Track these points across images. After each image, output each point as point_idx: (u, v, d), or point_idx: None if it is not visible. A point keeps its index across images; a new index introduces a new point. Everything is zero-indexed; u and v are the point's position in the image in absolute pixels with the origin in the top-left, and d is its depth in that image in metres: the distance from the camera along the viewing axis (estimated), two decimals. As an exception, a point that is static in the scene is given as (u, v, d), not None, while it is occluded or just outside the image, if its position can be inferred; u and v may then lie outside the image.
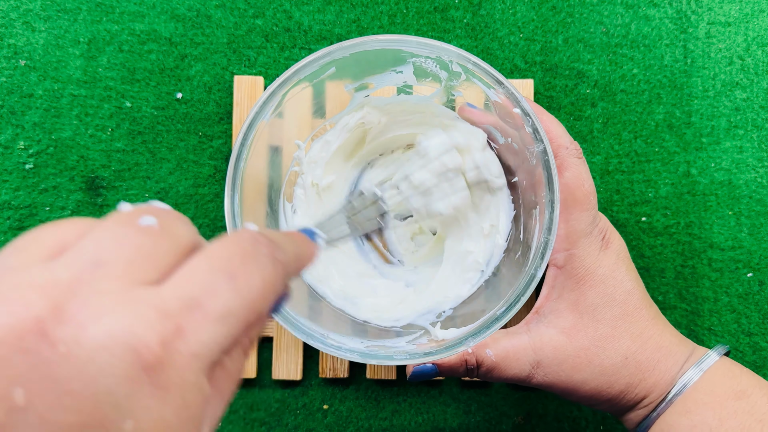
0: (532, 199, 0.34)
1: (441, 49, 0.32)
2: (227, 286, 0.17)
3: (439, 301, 0.37)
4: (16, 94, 0.41)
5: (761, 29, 0.43)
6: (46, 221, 0.41)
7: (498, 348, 0.34)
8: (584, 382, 0.33)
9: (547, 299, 0.35)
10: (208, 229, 0.42)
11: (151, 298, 0.15)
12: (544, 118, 0.34)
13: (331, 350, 0.31)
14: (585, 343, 0.33)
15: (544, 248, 0.31)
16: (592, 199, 0.34)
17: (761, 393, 0.32)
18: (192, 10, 0.42)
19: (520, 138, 0.33)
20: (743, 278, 0.42)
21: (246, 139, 0.32)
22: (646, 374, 0.33)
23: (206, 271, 0.17)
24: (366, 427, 0.42)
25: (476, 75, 0.33)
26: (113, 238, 0.16)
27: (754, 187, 0.43)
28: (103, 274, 0.15)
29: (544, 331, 0.34)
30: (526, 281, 0.31)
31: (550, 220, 0.31)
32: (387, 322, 0.37)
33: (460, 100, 0.37)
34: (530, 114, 0.32)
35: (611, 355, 0.33)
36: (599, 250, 0.34)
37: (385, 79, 0.36)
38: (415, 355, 0.31)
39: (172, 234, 0.17)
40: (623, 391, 0.33)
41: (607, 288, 0.33)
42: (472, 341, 0.31)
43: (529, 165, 0.33)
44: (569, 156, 0.33)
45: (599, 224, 0.34)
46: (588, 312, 0.33)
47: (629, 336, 0.33)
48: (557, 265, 0.34)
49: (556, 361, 0.33)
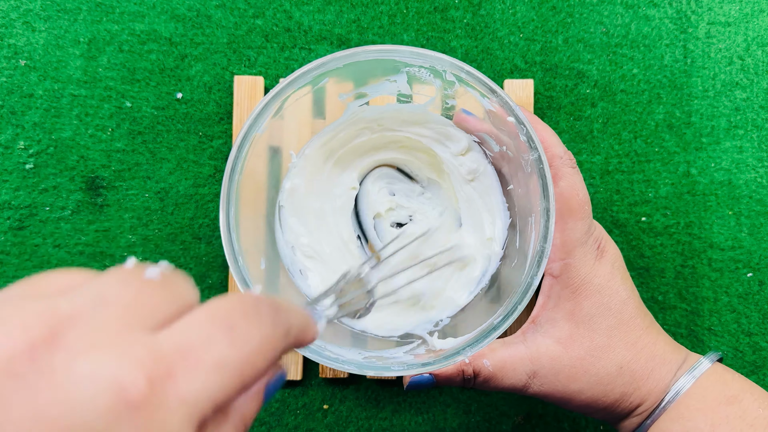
0: (527, 208, 0.34)
1: (434, 58, 0.32)
2: (224, 336, 0.16)
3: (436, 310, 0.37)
4: (16, 94, 0.41)
5: (761, 29, 0.43)
6: (46, 221, 0.41)
7: (495, 358, 0.34)
8: (580, 391, 0.33)
9: (543, 308, 0.35)
10: (208, 229, 0.42)
11: (146, 340, 0.15)
12: (539, 128, 0.34)
13: (328, 362, 0.31)
14: (581, 353, 0.33)
15: (540, 256, 0.31)
16: (587, 208, 0.34)
17: (752, 398, 0.32)
18: (192, 10, 0.42)
19: (515, 146, 0.33)
20: (743, 278, 0.42)
21: (240, 151, 0.32)
22: (640, 383, 0.33)
23: (204, 321, 0.17)
24: (366, 427, 0.42)
25: (470, 84, 0.32)
26: (118, 284, 0.17)
27: (754, 187, 0.43)
28: (104, 313, 0.16)
29: (540, 341, 0.34)
30: (523, 290, 0.31)
31: (546, 228, 0.31)
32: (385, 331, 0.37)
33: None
34: (524, 122, 0.31)
35: (606, 364, 0.33)
36: (595, 260, 0.34)
37: (380, 88, 0.36)
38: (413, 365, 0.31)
39: (175, 289, 0.18)
40: (618, 399, 0.33)
41: (602, 298, 0.34)
42: (470, 351, 0.31)
43: (524, 173, 0.33)
44: (563, 166, 0.34)
45: (594, 233, 0.34)
46: (584, 322, 0.34)
47: (624, 345, 0.33)
48: (553, 274, 0.34)
49: (552, 372, 0.33)
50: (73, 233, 0.41)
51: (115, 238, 0.42)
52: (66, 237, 0.41)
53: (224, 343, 0.16)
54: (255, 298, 0.18)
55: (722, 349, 0.42)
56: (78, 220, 0.41)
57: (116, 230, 0.42)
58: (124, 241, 0.42)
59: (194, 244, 0.42)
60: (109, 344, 0.15)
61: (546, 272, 0.35)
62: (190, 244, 0.42)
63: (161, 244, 0.42)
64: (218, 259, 0.42)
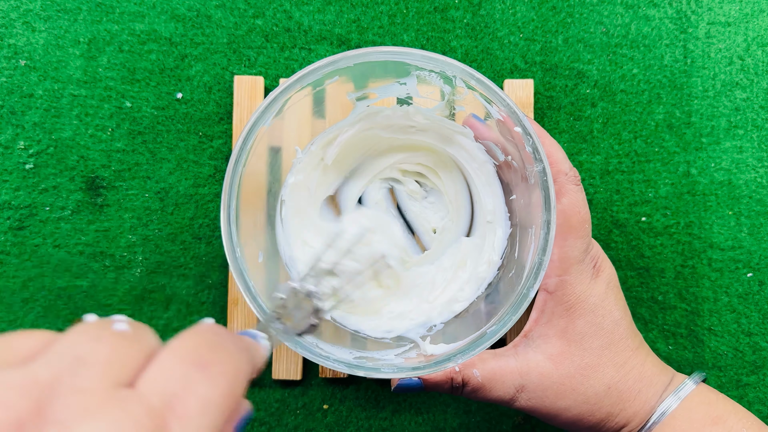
0: (528, 219, 0.34)
1: (445, 63, 0.32)
2: (202, 376, 0.17)
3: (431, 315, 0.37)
4: (16, 94, 0.41)
5: (761, 29, 0.43)
6: (46, 221, 0.41)
7: (485, 369, 0.34)
8: (567, 408, 0.34)
9: (536, 323, 0.35)
10: (208, 229, 0.42)
11: (133, 398, 0.15)
12: (546, 142, 0.34)
13: (319, 359, 0.31)
14: (570, 371, 0.33)
15: (537, 268, 0.31)
16: (587, 226, 0.34)
17: (736, 418, 0.33)
18: (192, 10, 0.42)
19: (520, 157, 0.33)
20: (743, 278, 0.42)
21: (246, 143, 0.32)
22: (626, 404, 0.33)
23: (179, 365, 0.17)
24: (366, 427, 0.42)
25: (478, 91, 0.32)
26: (90, 341, 0.16)
27: (754, 187, 0.43)
28: (84, 374, 0.15)
29: (531, 356, 0.34)
30: (518, 300, 0.31)
31: (545, 241, 0.31)
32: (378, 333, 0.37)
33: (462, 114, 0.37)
34: (531, 133, 0.31)
35: (594, 384, 0.33)
36: (591, 278, 0.34)
37: (389, 90, 0.36)
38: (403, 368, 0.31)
39: (141, 338, 0.18)
40: (604, 419, 0.34)
41: (596, 317, 0.34)
42: (461, 358, 0.31)
43: (527, 184, 0.33)
44: (568, 182, 0.34)
45: (591, 252, 0.34)
46: (576, 340, 0.34)
47: (613, 366, 0.34)
48: (548, 290, 0.34)
49: (540, 387, 0.34)
50: (73, 233, 0.41)
51: (115, 238, 0.42)
52: (66, 237, 0.41)
53: (204, 383, 0.16)
54: (215, 330, 0.18)
55: (722, 349, 0.42)
56: (78, 220, 0.41)
57: (116, 230, 0.42)
58: (124, 241, 0.42)
59: (194, 244, 0.42)
60: (100, 409, 0.15)
61: (541, 288, 0.35)
62: (190, 244, 0.42)
63: (161, 244, 0.42)
64: (218, 259, 0.42)
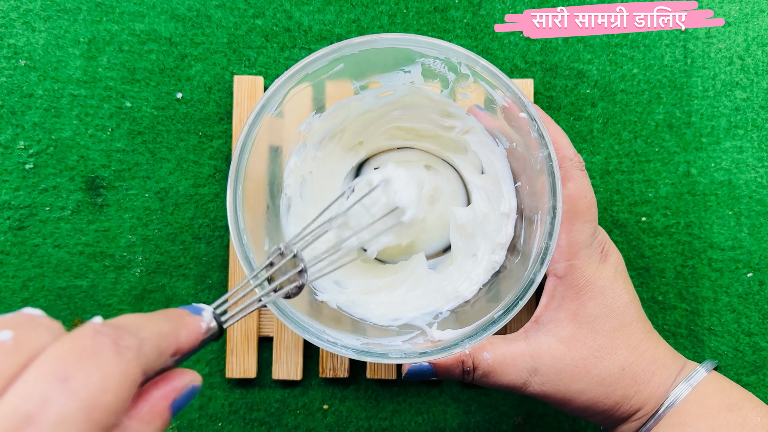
0: (533, 205, 0.34)
1: (450, 50, 0.32)
2: (60, 390, 0.16)
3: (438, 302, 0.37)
4: (16, 94, 0.41)
5: (761, 29, 0.43)
6: (46, 221, 0.41)
7: (495, 353, 0.34)
8: (581, 392, 0.33)
9: (546, 309, 0.35)
10: (208, 229, 0.42)
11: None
12: (551, 128, 0.34)
13: (326, 345, 0.31)
14: (584, 353, 0.33)
15: (544, 254, 0.31)
16: (593, 211, 0.34)
17: (751, 406, 0.33)
18: (192, 10, 0.42)
19: (525, 143, 0.33)
20: (743, 278, 0.42)
21: (251, 131, 0.31)
22: (641, 386, 0.33)
23: (39, 379, 0.16)
24: (366, 427, 0.42)
25: (484, 78, 0.32)
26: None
27: (754, 187, 0.43)
28: None
29: (542, 339, 0.34)
30: (525, 285, 0.31)
31: (551, 226, 0.31)
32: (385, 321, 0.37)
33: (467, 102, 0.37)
34: (536, 119, 0.31)
35: (609, 365, 0.33)
36: (599, 262, 0.34)
37: (393, 78, 0.36)
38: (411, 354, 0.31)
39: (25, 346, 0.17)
40: (618, 402, 0.33)
41: (606, 299, 0.34)
42: (469, 343, 0.31)
43: (533, 170, 0.33)
44: (573, 168, 0.34)
45: (599, 237, 0.35)
46: (587, 322, 0.34)
47: (626, 347, 0.34)
48: (557, 275, 0.34)
49: (554, 370, 0.33)
50: (73, 233, 0.41)
51: (115, 238, 0.42)
52: (66, 237, 0.41)
53: (61, 398, 0.16)
54: (92, 331, 0.18)
55: (722, 349, 0.42)
56: (78, 220, 0.41)
57: (116, 230, 0.42)
58: (124, 241, 0.42)
59: (194, 244, 0.42)
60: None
61: (550, 273, 0.35)
62: (190, 244, 0.42)
63: (161, 244, 0.42)
64: (218, 259, 0.42)
